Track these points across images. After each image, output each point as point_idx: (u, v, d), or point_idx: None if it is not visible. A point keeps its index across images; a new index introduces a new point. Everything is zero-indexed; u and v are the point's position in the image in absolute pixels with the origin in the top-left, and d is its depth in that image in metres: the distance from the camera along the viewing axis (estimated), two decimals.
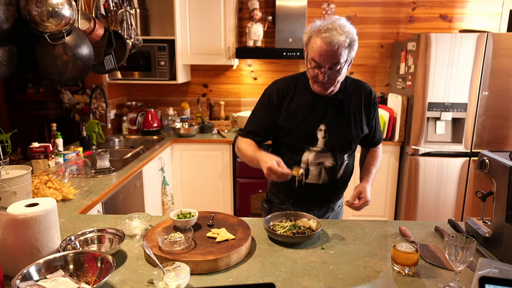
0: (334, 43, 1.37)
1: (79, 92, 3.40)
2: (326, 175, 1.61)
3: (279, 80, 1.66)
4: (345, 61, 1.44)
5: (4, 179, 1.46)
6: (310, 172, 1.60)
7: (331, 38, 1.37)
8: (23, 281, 1.01)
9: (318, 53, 1.41)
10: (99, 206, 1.98)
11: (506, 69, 2.98)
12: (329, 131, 1.57)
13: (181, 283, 1.05)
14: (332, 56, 1.40)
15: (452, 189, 3.20)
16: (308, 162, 1.59)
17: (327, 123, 1.56)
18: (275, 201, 1.74)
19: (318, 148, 1.58)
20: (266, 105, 1.63)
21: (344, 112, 1.58)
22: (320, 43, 1.39)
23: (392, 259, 1.20)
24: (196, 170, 3.41)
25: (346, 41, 1.39)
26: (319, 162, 1.59)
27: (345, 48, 1.40)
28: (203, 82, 3.92)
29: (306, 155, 1.59)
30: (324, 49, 1.39)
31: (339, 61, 1.42)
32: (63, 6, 1.78)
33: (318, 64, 1.44)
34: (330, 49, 1.38)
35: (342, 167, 1.63)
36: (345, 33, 1.38)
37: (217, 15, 3.40)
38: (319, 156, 1.58)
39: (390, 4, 3.64)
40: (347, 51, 1.43)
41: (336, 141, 1.58)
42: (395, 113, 3.31)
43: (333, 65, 1.42)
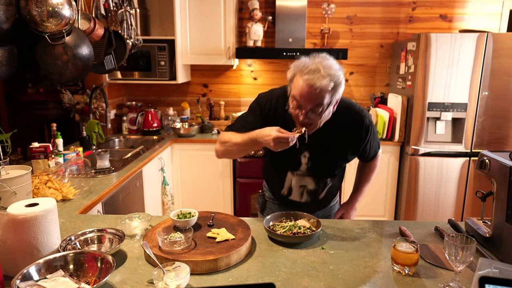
0: (317, 86, 1.28)
1: (79, 92, 3.40)
2: (308, 196, 1.66)
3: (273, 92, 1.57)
4: (329, 103, 1.35)
5: (4, 179, 1.46)
6: (292, 191, 1.65)
7: (313, 81, 1.28)
8: (23, 281, 1.01)
9: (299, 94, 1.33)
10: (99, 206, 1.98)
11: (506, 69, 2.98)
12: (313, 158, 1.56)
13: (181, 283, 1.05)
14: (314, 99, 1.32)
15: (452, 189, 3.20)
16: (291, 183, 1.64)
17: (311, 150, 1.54)
18: (269, 196, 1.80)
19: (301, 172, 1.60)
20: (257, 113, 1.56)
21: (329, 140, 1.52)
22: (302, 84, 1.31)
23: (392, 259, 1.20)
24: (196, 170, 3.41)
25: (330, 85, 1.30)
26: (301, 185, 1.64)
27: (328, 92, 1.31)
28: (203, 82, 3.92)
29: (290, 177, 1.63)
30: (305, 91, 1.30)
31: (322, 104, 1.33)
32: (63, 6, 1.78)
33: (299, 105, 1.36)
34: (312, 92, 1.30)
35: (324, 189, 1.67)
36: (329, 76, 1.29)
37: (217, 15, 3.40)
38: (301, 180, 1.63)
39: (390, 4, 3.64)
40: (331, 94, 1.33)
41: (319, 169, 1.59)
42: (395, 113, 3.31)
43: (314, 107, 1.34)
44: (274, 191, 1.75)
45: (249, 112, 1.59)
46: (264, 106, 1.54)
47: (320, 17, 3.68)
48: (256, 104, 1.57)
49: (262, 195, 1.85)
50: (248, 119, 1.57)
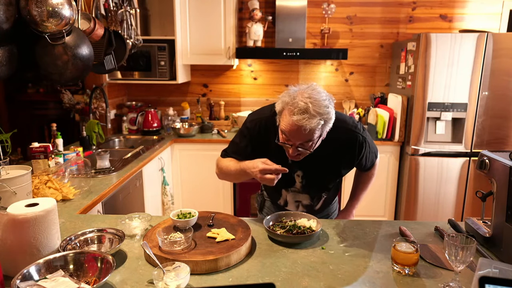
0: (306, 128, 1.27)
1: (79, 92, 3.40)
2: (304, 209, 1.69)
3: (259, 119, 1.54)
4: (319, 137, 1.35)
5: (4, 179, 1.46)
6: (288, 204, 1.69)
7: (302, 122, 1.26)
8: (23, 281, 1.01)
9: (289, 131, 1.32)
10: (99, 206, 1.98)
11: (506, 69, 2.98)
12: (306, 177, 1.58)
13: (181, 283, 1.05)
14: (304, 137, 1.32)
15: (452, 189, 3.20)
16: (286, 199, 1.68)
17: (304, 169, 1.56)
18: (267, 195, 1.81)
19: (295, 189, 1.64)
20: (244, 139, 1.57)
21: (322, 159, 1.50)
22: (291, 123, 1.29)
23: (392, 259, 1.20)
24: (196, 170, 3.41)
25: (320, 123, 1.28)
26: (296, 200, 1.67)
27: (318, 129, 1.30)
28: (203, 82, 3.92)
29: (285, 193, 1.67)
30: (294, 130, 1.29)
31: (311, 139, 1.33)
32: (63, 6, 1.78)
33: (288, 139, 1.35)
34: (302, 132, 1.29)
35: (319, 202, 1.69)
36: (318, 115, 1.27)
37: (217, 15, 3.40)
38: (296, 196, 1.66)
39: (390, 4, 3.64)
40: (321, 129, 1.32)
41: (313, 186, 1.62)
42: (395, 113, 3.31)
43: (304, 142, 1.34)
44: (271, 199, 1.78)
45: (240, 136, 1.59)
46: (253, 130, 1.54)
47: (320, 17, 3.68)
48: (245, 128, 1.57)
49: (260, 194, 1.87)
50: (240, 145, 1.58)
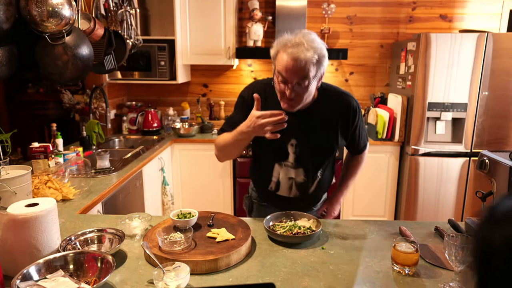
0: (301, 59, 1.30)
1: (79, 92, 3.40)
2: (297, 190, 1.60)
3: (255, 84, 1.60)
4: (314, 76, 1.37)
5: (4, 179, 1.46)
6: (280, 185, 1.60)
7: (298, 54, 1.30)
8: (23, 281, 1.01)
9: (285, 68, 1.33)
10: (99, 206, 1.98)
11: (506, 69, 2.98)
12: (300, 146, 1.52)
13: (181, 283, 1.05)
14: (299, 72, 1.32)
15: (452, 189, 3.20)
16: (279, 176, 1.59)
17: (298, 137, 1.51)
18: (255, 197, 1.76)
19: (289, 163, 1.56)
20: (240, 108, 1.58)
21: (316, 127, 1.51)
22: (287, 58, 1.32)
23: (392, 259, 1.20)
24: (196, 170, 3.41)
25: (314, 57, 1.32)
26: (290, 177, 1.58)
27: (313, 64, 1.33)
28: (203, 82, 3.92)
29: (277, 169, 1.58)
30: (290, 65, 1.32)
31: (307, 77, 1.34)
32: (63, 6, 1.78)
33: (285, 79, 1.36)
34: (297, 65, 1.31)
35: (314, 182, 1.62)
36: (313, 49, 1.32)
37: (217, 15, 3.40)
38: (290, 171, 1.57)
39: (390, 4, 3.64)
40: (316, 67, 1.35)
41: (307, 157, 1.54)
42: (395, 113, 3.31)
43: (300, 80, 1.34)
44: (262, 189, 1.69)
45: (234, 110, 1.62)
46: (247, 98, 1.54)
47: (320, 17, 3.68)
48: (239, 98, 1.59)
49: (248, 196, 1.80)
50: (235, 117, 1.56)
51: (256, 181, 1.75)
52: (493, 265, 0.38)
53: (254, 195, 1.77)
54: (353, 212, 3.46)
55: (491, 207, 0.41)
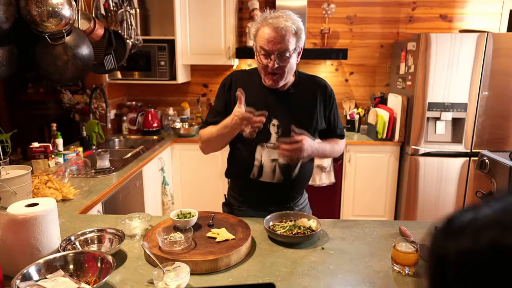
0: (281, 28, 1.39)
1: (79, 92, 3.40)
2: (281, 173, 1.57)
3: (234, 72, 1.67)
4: (294, 49, 1.44)
5: (4, 179, 1.46)
6: (264, 170, 1.57)
7: (278, 24, 1.39)
8: (23, 281, 1.01)
9: (266, 40, 1.41)
10: (99, 206, 1.98)
11: (506, 69, 2.98)
12: (282, 126, 1.54)
13: (181, 283, 1.05)
14: (280, 42, 1.40)
15: (452, 189, 3.20)
16: (261, 159, 1.56)
17: (280, 117, 1.54)
18: (234, 203, 1.71)
19: (271, 144, 1.55)
20: (222, 96, 1.62)
21: (297, 107, 1.57)
22: (268, 30, 1.41)
23: (392, 259, 1.20)
24: (196, 170, 3.41)
25: (293, 27, 1.41)
26: (273, 159, 1.56)
27: (292, 34, 1.42)
28: (203, 82, 3.92)
29: (260, 151, 1.56)
30: (272, 36, 1.40)
31: (288, 48, 1.42)
32: (63, 6, 1.78)
33: (267, 52, 1.43)
34: (278, 35, 1.40)
35: (297, 166, 1.59)
36: (291, 20, 1.42)
37: (217, 15, 3.40)
38: (272, 153, 1.55)
39: (390, 4, 3.64)
40: (295, 40, 1.44)
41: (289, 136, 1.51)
42: (395, 113, 3.31)
43: (281, 51, 1.42)
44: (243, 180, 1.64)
45: (216, 100, 1.67)
46: (227, 84, 1.61)
47: (320, 17, 3.68)
48: (220, 88, 1.64)
49: (227, 203, 1.76)
50: (215, 106, 1.64)
51: (236, 173, 1.69)
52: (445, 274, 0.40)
53: (232, 201, 1.73)
54: (353, 212, 3.46)
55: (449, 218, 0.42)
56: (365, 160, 3.35)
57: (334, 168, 3.30)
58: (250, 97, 1.49)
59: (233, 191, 1.73)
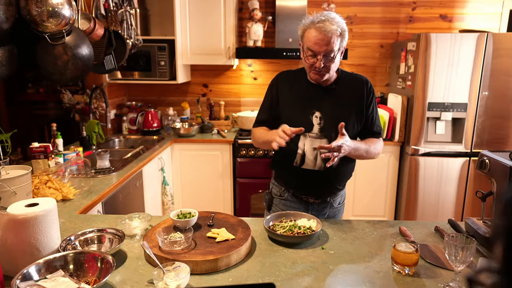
0: (328, 31, 1.49)
1: (79, 92, 3.40)
2: (322, 161, 1.65)
3: (280, 73, 1.80)
4: (338, 49, 1.55)
5: (4, 179, 1.46)
6: (306, 157, 1.66)
7: (325, 28, 1.50)
8: (23, 281, 1.01)
9: (313, 42, 1.52)
10: (99, 206, 1.98)
11: (506, 69, 2.98)
12: (325, 117, 1.64)
13: (181, 283, 1.05)
14: (326, 44, 1.51)
15: (452, 189, 3.20)
16: (304, 148, 1.66)
17: (322, 110, 1.64)
18: (276, 192, 1.81)
19: (314, 134, 1.65)
20: (269, 95, 1.77)
21: (339, 101, 1.67)
22: (315, 33, 1.52)
23: (392, 259, 1.20)
24: (196, 170, 3.41)
25: (338, 30, 1.51)
26: (314, 148, 1.65)
27: (337, 36, 1.52)
28: (203, 82, 3.92)
29: (302, 140, 1.66)
30: (318, 38, 1.51)
31: (333, 49, 1.53)
32: (63, 6, 1.78)
33: (314, 53, 1.54)
34: (324, 38, 1.50)
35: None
36: (336, 24, 1.52)
37: (217, 15, 3.40)
38: (314, 142, 1.65)
39: (390, 4, 3.64)
40: (339, 40, 1.54)
41: (331, 127, 1.62)
42: (395, 113, 3.31)
43: (327, 52, 1.53)
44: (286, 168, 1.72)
45: (265, 97, 1.80)
46: (275, 83, 1.76)
47: None
48: (269, 86, 1.79)
49: (269, 192, 1.87)
50: (263, 106, 1.79)
51: (281, 162, 1.77)
52: None
53: (275, 191, 1.82)
54: (353, 212, 3.46)
55: None
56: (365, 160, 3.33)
57: None
58: (295, 91, 1.70)
59: (277, 181, 1.82)
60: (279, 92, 1.73)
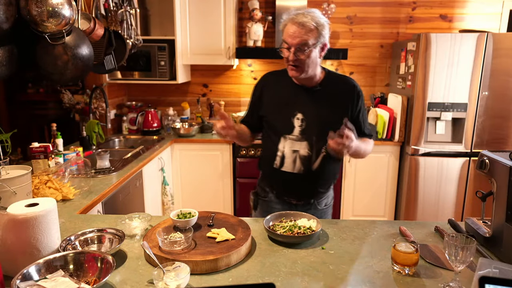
0: (300, 23, 1.50)
1: (79, 92, 3.40)
2: (301, 164, 1.64)
3: (265, 74, 1.81)
4: (314, 44, 1.53)
5: (4, 179, 1.46)
6: (285, 160, 1.65)
7: (298, 20, 1.51)
8: (23, 281, 1.01)
9: (288, 35, 1.54)
10: (99, 206, 1.98)
11: (506, 69, 2.98)
12: (306, 119, 1.62)
13: (181, 283, 1.05)
14: (299, 36, 1.51)
15: (452, 189, 3.20)
16: (283, 150, 1.66)
17: (304, 112, 1.62)
18: (260, 193, 1.82)
19: (294, 136, 1.64)
20: (253, 96, 1.78)
21: (323, 103, 1.64)
22: (290, 26, 1.54)
23: (392, 259, 1.20)
24: (196, 170, 3.41)
25: (312, 23, 1.51)
26: (294, 150, 1.64)
27: (312, 30, 1.51)
28: (203, 82, 3.92)
29: (282, 142, 1.66)
30: (291, 29, 1.52)
31: (306, 42, 1.51)
32: (63, 6, 1.78)
33: (288, 45, 1.54)
34: (297, 30, 1.51)
35: (318, 158, 1.63)
36: (311, 17, 1.52)
37: (217, 15, 3.40)
38: (294, 144, 1.64)
39: (390, 4, 3.64)
40: (315, 34, 1.53)
41: (312, 130, 1.61)
42: (395, 113, 3.31)
43: (300, 45, 1.52)
44: (268, 169, 1.74)
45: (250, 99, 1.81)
46: (259, 83, 1.77)
47: None
48: (254, 88, 1.79)
49: (255, 192, 1.87)
50: (249, 107, 1.81)
51: (263, 163, 1.80)
52: None
53: (260, 191, 1.82)
54: (353, 212, 3.46)
55: None
56: (365, 160, 3.32)
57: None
58: (279, 92, 1.70)
59: (262, 181, 1.83)
60: (263, 93, 1.73)
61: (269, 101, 1.71)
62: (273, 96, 1.70)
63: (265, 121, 1.73)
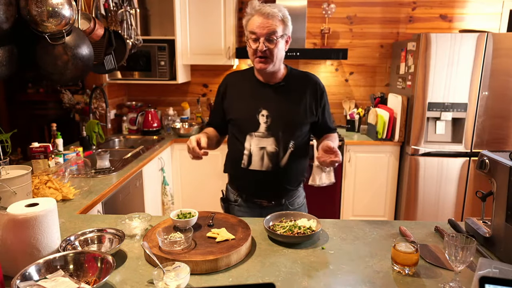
0: (268, 13, 1.52)
1: (79, 92, 3.40)
2: (269, 161, 1.63)
3: (227, 75, 1.80)
4: (281, 36, 1.55)
5: (4, 179, 1.45)
6: (252, 158, 1.64)
7: (265, 10, 1.53)
8: (23, 281, 1.01)
9: (256, 25, 1.53)
10: (99, 206, 1.98)
11: (506, 69, 2.98)
12: (271, 116, 1.62)
13: (181, 283, 1.05)
14: (268, 26, 1.52)
15: (452, 189, 3.20)
16: (250, 148, 1.64)
17: (269, 108, 1.62)
18: (230, 198, 1.79)
19: (260, 133, 1.63)
20: (217, 97, 1.78)
21: (287, 99, 1.65)
22: (257, 17, 1.54)
23: (392, 259, 1.20)
24: (196, 170, 3.41)
25: (279, 14, 1.54)
26: (261, 147, 1.63)
27: (279, 20, 1.54)
28: (203, 82, 3.92)
29: (249, 140, 1.64)
30: (259, 20, 1.53)
31: (275, 30, 1.53)
32: (63, 6, 1.78)
33: (257, 36, 1.54)
34: (266, 20, 1.52)
35: (286, 154, 1.63)
36: (277, 7, 1.55)
37: (217, 15, 3.40)
38: (261, 141, 1.63)
39: (390, 4, 3.64)
40: (282, 26, 1.55)
41: (278, 125, 1.61)
42: (395, 113, 3.31)
43: (269, 34, 1.53)
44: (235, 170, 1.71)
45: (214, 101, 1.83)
46: (220, 87, 1.76)
47: (320, 17, 3.68)
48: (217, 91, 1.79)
49: (224, 198, 1.83)
50: (214, 109, 1.82)
51: (230, 164, 1.76)
52: None
53: (229, 196, 1.78)
54: (353, 212, 3.46)
55: None
56: (365, 160, 3.35)
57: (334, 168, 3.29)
58: (242, 90, 1.69)
59: (230, 185, 1.79)
60: (226, 93, 1.72)
61: (233, 100, 1.70)
62: (237, 94, 1.70)
63: (230, 120, 1.71)
